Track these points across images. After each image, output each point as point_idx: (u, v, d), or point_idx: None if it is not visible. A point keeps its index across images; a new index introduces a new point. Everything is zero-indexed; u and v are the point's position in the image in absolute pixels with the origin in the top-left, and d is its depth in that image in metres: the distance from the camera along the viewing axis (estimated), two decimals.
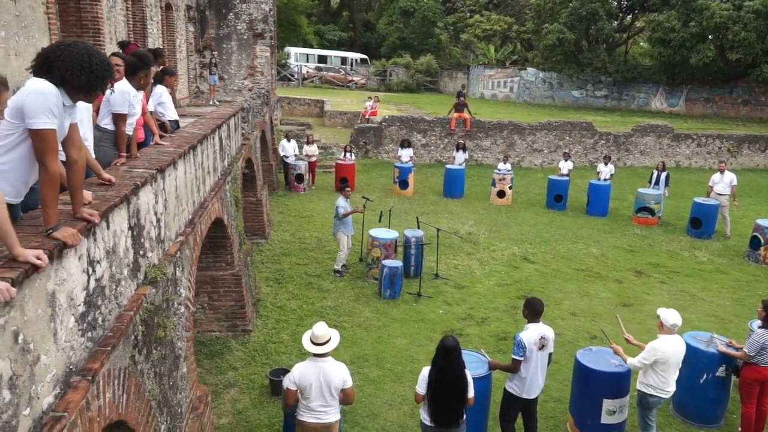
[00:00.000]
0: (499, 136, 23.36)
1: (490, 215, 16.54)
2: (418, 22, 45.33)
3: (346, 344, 8.80)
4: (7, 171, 2.95)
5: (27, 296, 2.57)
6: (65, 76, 2.97)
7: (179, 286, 5.40)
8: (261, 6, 21.69)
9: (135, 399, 3.88)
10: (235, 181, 9.71)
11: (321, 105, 29.14)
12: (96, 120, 4.99)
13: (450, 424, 5.52)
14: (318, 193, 18.18)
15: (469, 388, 5.53)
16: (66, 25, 9.92)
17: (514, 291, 11.21)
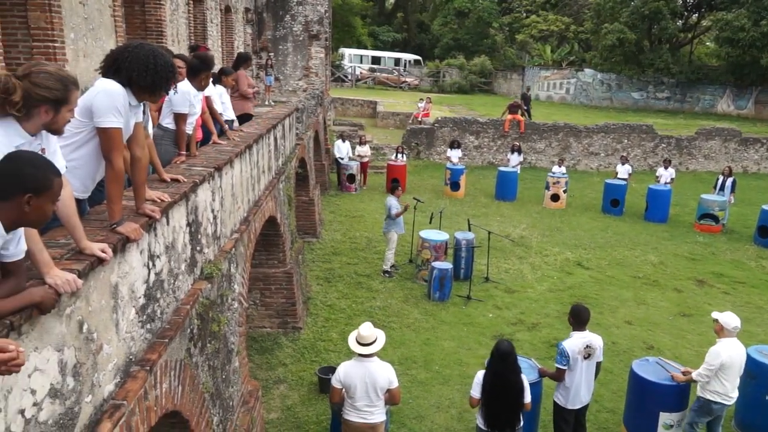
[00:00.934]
0: (554, 139, 22.92)
1: (543, 219, 16.24)
2: (473, 23, 44.96)
3: (394, 345, 8.81)
4: (75, 167, 3.08)
5: (92, 287, 2.68)
6: (132, 76, 3.09)
7: (233, 282, 5.52)
8: (317, 8, 21.96)
9: (190, 390, 3.99)
10: (288, 180, 9.87)
11: (374, 106, 29.28)
12: (158, 119, 5.16)
13: (504, 430, 5.44)
14: (369, 194, 18.27)
15: (526, 394, 5.44)
16: (131, 28, 10.30)
17: (566, 297, 10.97)
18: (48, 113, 2.51)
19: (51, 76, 2.51)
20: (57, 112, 2.54)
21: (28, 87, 2.44)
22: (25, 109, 2.44)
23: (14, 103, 2.39)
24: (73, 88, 2.59)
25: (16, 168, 2.14)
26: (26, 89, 2.43)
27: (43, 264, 2.34)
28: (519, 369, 5.48)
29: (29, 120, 2.48)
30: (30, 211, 2.16)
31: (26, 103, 2.44)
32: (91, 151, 3.11)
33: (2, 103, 2.38)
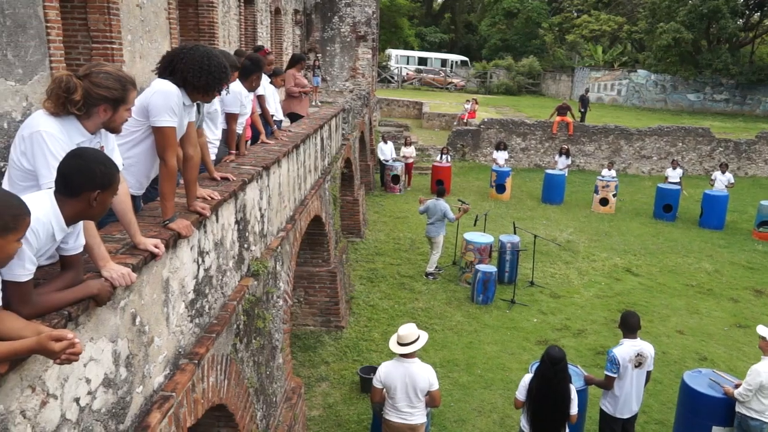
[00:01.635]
0: (603, 141, 22.39)
1: (592, 223, 15.90)
2: (522, 24, 44.39)
3: (436, 347, 8.78)
4: (131, 165, 3.19)
5: (145, 282, 2.77)
6: (186, 77, 3.18)
7: (279, 280, 5.61)
8: (365, 9, 22.08)
9: (235, 385, 4.07)
10: (334, 180, 9.95)
11: (419, 107, 29.24)
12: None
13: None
14: (413, 195, 18.24)
15: (573, 405, 5.32)
16: (184, 30, 10.58)
17: (614, 303, 10.71)
18: (107, 112, 2.60)
19: (110, 76, 2.60)
20: (115, 111, 2.63)
21: (88, 86, 2.53)
22: (85, 107, 2.54)
23: (75, 101, 2.49)
24: (131, 88, 2.68)
25: (85, 165, 2.23)
26: (86, 89, 2.52)
27: (99, 258, 2.43)
28: (569, 377, 5.38)
29: (89, 118, 2.58)
30: (95, 206, 2.25)
31: (86, 102, 2.53)
32: (146, 149, 3.22)
33: (64, 102, 2.48)
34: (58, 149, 2.42)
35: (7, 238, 1.85)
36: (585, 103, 25.34)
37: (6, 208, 1.84)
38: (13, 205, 1.88)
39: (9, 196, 1.90)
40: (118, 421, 2.55)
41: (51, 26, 5.89)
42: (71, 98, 2.47)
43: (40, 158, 2.44)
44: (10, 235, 1.86)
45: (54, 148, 2.42)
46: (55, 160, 2.39)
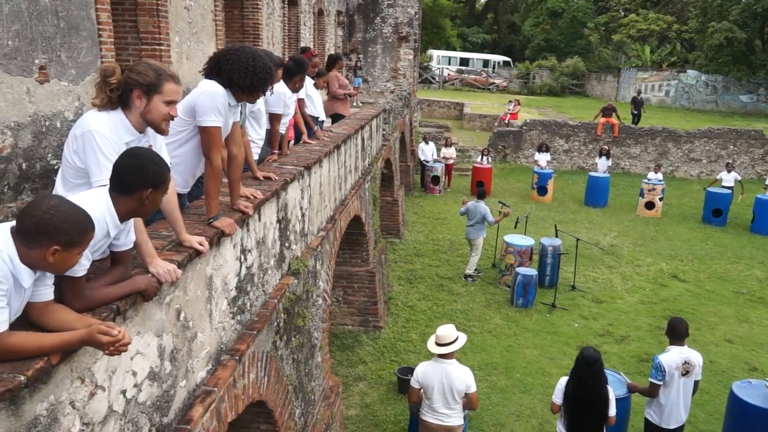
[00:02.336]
0: (650, 144, 21.82)
1: (636, 227, 15.51)
2: (567, 23, 43.64)
3: (474, 350, 8.71)
4: (178, 164, 3.26)
5: (189, 278, 2.83)
6: (232, 77, 3.24)
7: (318, 279, 5.66)
8: (407, 10, 22.07)
9: (275, 382, 4.12)
10: (374, 180, 9.98)
11: (460, 108, 29.07)
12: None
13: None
14: (453, 196, 18.14)
15: (610, 406, 5.22)
16: (230, 31, 10.77)
17: (659, 310, 10.43)
18: (141, 99, 2.63)
19: (147, 66, 2.67)
20: (149, 99, 2.64)
21: (126, 75, 2.61)
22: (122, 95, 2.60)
23: (111, 84, 2.56)
24: (167, 78, 2.68)
25: (140, 164, 2.30)
26: (125, 77, 2.60)
27: (147, 254, 2.49)
28: (605, 379, 5.27)
29: (131, 111, 2.64)
30: (146, 204, 2.32)
31: (124, 90, 2.60)
32: (192, 148, 3.29)
33: (102, 86, 2.56)
34: (109, 148, 2.49)
35: (71, 252, 1.93)
36: (638, 105, 24.50)
37: (74, 225, 1.91)
38: (81, 222, 1.94)
39: (77, 213, 1.95)
40: (163, 414, 2.61)
41: (103, 28, 6.08)
42: (108, 81, 2.54)
43: (91, 157, 2.51)
44: (75, 249, 1.94)
45: (104, 147, 2.50)
46: (105, 159, 2.46)
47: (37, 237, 1.85)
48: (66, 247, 1.89)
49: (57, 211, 1.88)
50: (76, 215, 1.93)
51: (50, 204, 1.90)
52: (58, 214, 1.88)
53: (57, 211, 1.88)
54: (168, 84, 2.66)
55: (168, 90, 2.68)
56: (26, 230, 1.86)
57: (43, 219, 1.85)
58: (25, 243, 1.86)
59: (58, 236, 1.87)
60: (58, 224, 1.87)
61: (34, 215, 1.86)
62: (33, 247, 1.85)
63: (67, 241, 1.89)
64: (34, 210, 1.87)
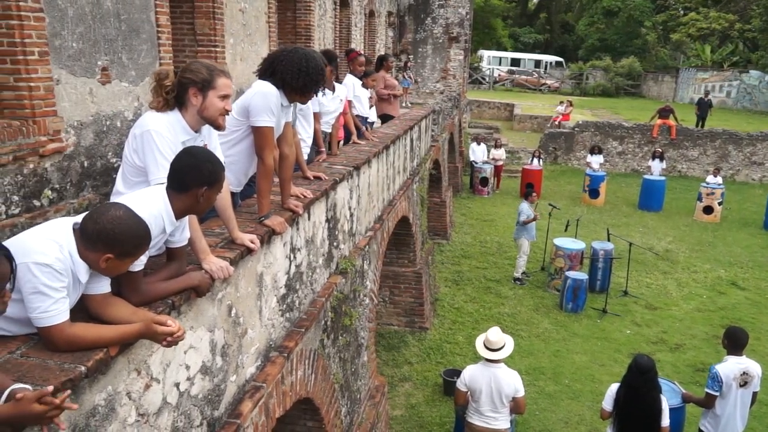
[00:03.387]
0: (709, 146, 21.02)
1: (693, 232, 14.97)
2: (623, 23, 42.50)
3: (522, 354, 8.58)
4: (231, 163, 3.33)
5: (240, 275, 2.88)
6: (285, 78, 3.28)
7: (366, 279, 5.68)
8: (458, 10, 21.93)
9: (321, 380, 4.16)
10: (422, 181, 9.96)
11: (510, 108, 28.69)
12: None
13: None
14: (502, 198, 17.94)
15: (663, 416, 5.06)
16: (282, 32, 10.93)
17: (717, 318, 10.04)
18: (196, 96, 2.71)
19: (200, 64, 2.76)
20: (204, 96, 2.71)
21: (180, 75, 2.68)
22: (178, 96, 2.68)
23: (166, 86, 2.64)
24: (220, 74, 2.75)
25: (196, 163, 2.37)
26: (179, 77, 2.67)
27: (201, 251, 2.56)
28: (658, 387, 5.11)
29: (187, 110, 2.71)
30: (201, 201, 2.38)
31: (179, 91, 2.67)
32: (245, 148, 3.35)
33: (158, 89, 2.64)
34: (166, 148, 2.57)
35: (124, 261, 2.01)
36: (704, 107, 23.44)
37: (132, 239, 1.99)
38: (139, 235, 2.02)
39: (138, 227, 2.02)
40: (213, 408, 2.67)
41: (161, 30, 6.27)
42: (163, 83, 2.62)
43: (149, 155, 2.59)
44: (127, 260, 2.03)
45: (162, 147, 2.57)
46: (163, 158, 2.54)
47: (96, 243, 1.94)
48: (119, 257, 1.98)
49: (120, 222, 1.96)
50: (136, 229, 2.01)
51: (116, 215, 1.98)
52: (119, 226, 1.96)
53: (120, 222, 1.96)
54: (220, 78, 2.74)
55: (221, 84, 2.75)
56: (88, 234, 1.95)
57: (105, 228, 1.94)
58: (84, 244, 1.95)
59: (115, 247, 1.95)
60: (117, 236, 1.95)
61: (99, 222, 1.95)
62: (89, 250, 1.95)
63: (121, 252, 1.97)
64: (100, 217, 1.96)
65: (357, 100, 7.16)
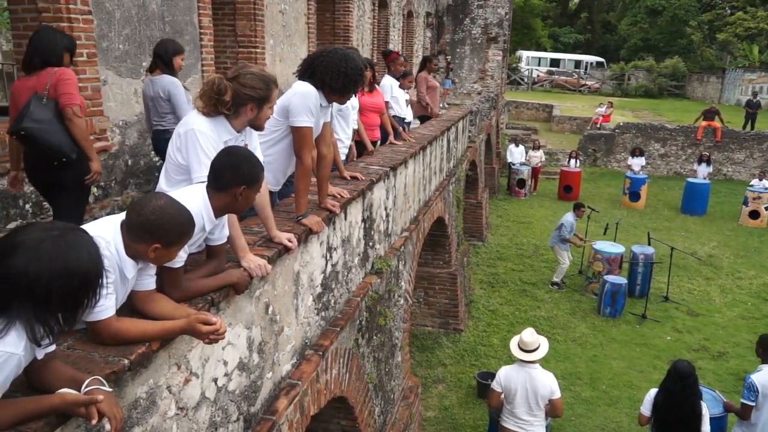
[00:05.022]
0: (756, 149, 20.34)
1: (738, 238, 14.52)
2: (667, 22, 41.49)
3: (558, 358, 8.46)
4: (270, 162, 3.37)
5: (278, 273, 2.92)
6: (325, 79, 3.32)
7: (401, 279, 5.69)
8: (497, 10, 21.76)
9: (356, 379, 4.19)
10: (458, 182, 9.91)
11: (549, 110, 28.30)
12: None
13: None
14: (539, 200, 17.72)
15: (704, 423, 4.96)
16: (321, 34, 11.04)
17: (761, 326, 9.70)
18: (253, 111, 2.77)
19: (255, 77, 2.77)
20: (260, 109, 2.79)
21: (236, 87, 2.71)
22: (234, 107, 2.73)
23: (225, 102, 2.68)
24: (274, 87, 2.83)
25: (236, 162, 2.41)
26: (235, 89, 2.70)
27: (240, 249, 2.60)
28: (698, 393, 5.00)
29: (237, 117, 2.77)
30: (240, 200, 2.42)
31: (235, 102, 2.71)
32: (284, 147, 3.39)
33: (215, 103, 2.68)
34: (209, 146, 2.62)
35: (170, 250, 2.06)
36: (754, 108, 22.77)
37: (177, 226, 2.03)
38: (183, 224, 2.06)
39: (182, 216, 2.06)
40: (250, 404, 2.72)
41: (204, 32, 6.40)
42: (222, 99, 2.66)
43: (192, 154, 2.65)
44: (174, 248, 2.07)
45: (205, 146, 2.62)
46: (206, 156, 2.59)
47: (142, 234, 1.98)
48: (166, 246, 2.02)
49: (163, 212, 2.01)
50: (180, 218, 2.05)
51: (158, 205, 2.02)
52: (163, 216, 2.00)
53: (163, 212, 2.01)
54: (275, 91, 2.83)
55: (275, 97, 2.85)
56: (133, 226, 2.00)
57: (149, 219, 1.99)
58: (131, 237, 2.00)
59: (161, 236, 1.99)
60: (162, 225, 1.99)
61: (142, 213, 2.00)
62: (136, 242, 1.99)
63: (167, 241, 2.01)
64: (143, 208, 2.01)
65: (395, 101, 7.17)
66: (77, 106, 3.70)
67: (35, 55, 3.72)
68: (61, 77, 3.67)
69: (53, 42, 3.75)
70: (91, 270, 1.62)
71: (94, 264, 1.63)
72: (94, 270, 1.63)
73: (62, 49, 3.79)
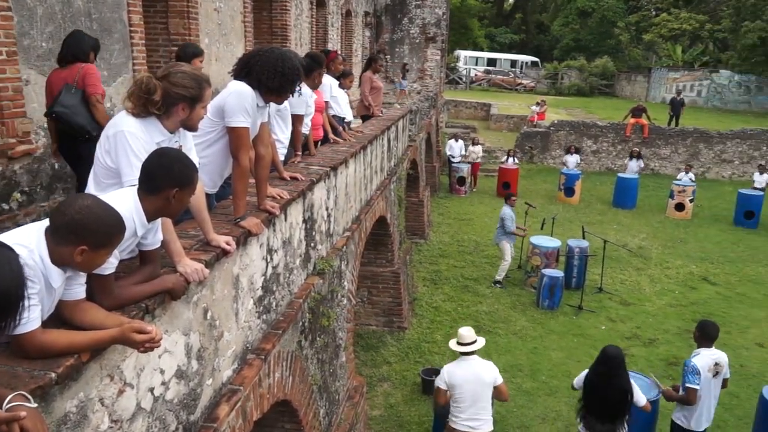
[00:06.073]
0: (681, 144, 21.42)
1: (666, 229, 15.25)
2: (597, 23, 43.08)
3: (499, 351, 8.65)
4: (206, 164, 3.30)
5: (216, 277, 2.86)
6: (261, 78, 3.27)
7: (344, 279, 5.67)
8: (435, 10, 22.01)
9: (299, 381, 4.15)
10: (399, 181, 9.97)
11: (487, 108, 28.89)
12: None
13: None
14: (479, 197, 18.06)
15: (639, 396, 5.32)
16: (258, 32, 10.86)
17: (689, 313, 10.23)
18: (185, 110, 2.70)
19: (187, 76, 2.70)
20: (192, 109, 2.72)
21: (166, 86, 2.63)
22: (164, 107, 2.64)
23: (155, 102, 2.60)
24: (206, 86, 2.76)
25: (168, 164, 2.33)
26: (165, 89, 2.62)
27: (175, 253, 2.52)
28: (625, 374, 5.28)
29: (168, 118, 2.69)
30: (173, 203, 2.35)
31: (165, 101, 2.63)
32: (220, 148, 3.32)
33: (145, 102, 2.59)
34: (140, 148, 2.53)
35: (99, 253, 1.95)
36: (676, 106, 23.92)
37: (104, 227, 1.93)
38: (111, 224, 1.96)
39: (109, 216, 1.96)
40: (189, 412, 2.65)
41: (134, 30, 6.18)
42: (151, 99, 2.58)
43: (122, 157, 2.55)
44: (103, 250, 1.96)
45: (136, 148, 2.53)
46: (136, 158, 2.50)
47: (67, 235, 1.87)
48: (94, 248, 1.91)
49: (89, 211, 1.91)
50: (107, 217, 1.95)
51: (83, 204, 1.92)
52: (89, 215, 1.90)
53: (89, 211, 1.91)
54: (208, 90, 2.77)
55: (208, 95, 2.79)
56: (57, 227, 1.89)
57: (74, 218, 1.88)
58: (56, 240, 1.88)
59: (87, 237, 1.89)
60: (88, 225, 1.89)
61: (66, 213, 1.89)
62: (62, 245, 1.88)
63: (95, 242, 1.91)
64: (68, 208, 1.90)
65: (334, 101, 7.13)
66: (100, 95, 4.55)
67: (68, 52, 4.57)
68: (87, 71, 4.50)
69: (82, 42, 4.62)
70: (12, 289, 1.53)
71: (15, 283, 1.55)
72: (16, 290, 1.55)
73: (89, 48, 4.65)
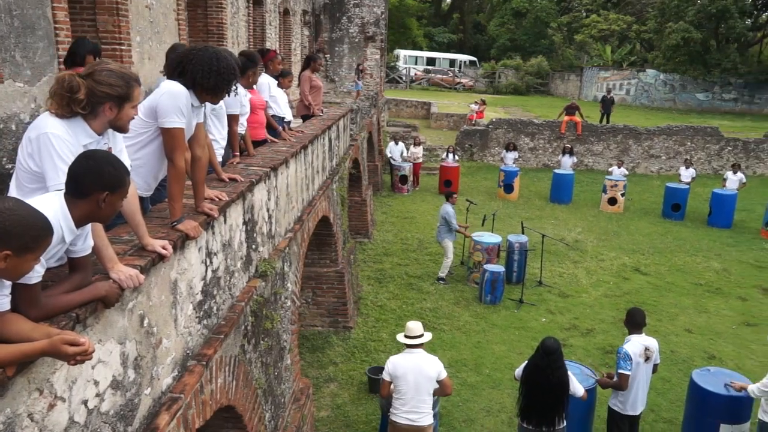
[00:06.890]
0: (612, 141, 22.28)
1: (600, 223, 15.83)
2: (531, 23, 44.28)
3: (444, 347, 8.76)
4: (139, 166, 3.19)
5: (153, 283, 2.77)
6: (196, 78, 3.18)
7: (287, 281, 5.61)
8: (373, 9, 22.06)
9: (243, 386, 4.07)
10: (342, 180, 9.95)
11: (428, 107, 29.21)
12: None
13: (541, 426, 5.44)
14: (421, 195, 18.24)
15: (575, 386, 5.49)
16: (193, 31, 10.60)
17: (623, 303, 10.65)
18: (112, 110, 2.59)
19: (113, 74, 2.58)
20: (120, 108, 2.60)
21: (91, 85, 2.51)
22: (89, 107, 2.53)
23: (79, 101, 2.48)
24: (135, 85, 2.65)
25: (96, 167, 2.22)
26: (90, 87, 2.50)
27: (107, 259, 2.43)
28: (563, 367, 5.45)
29: (95, 118, 2.57)
30: (104, 207, 2.25)
31: (91, 101, 2.52)
32: (154, 150, 3.22)
33: (68, 102, 2.47)
34: (65, 151, 2.42)
35: (24, 258, 1.84)
36: (607, 104, 24.91)
37: (28, 229, 1.82)
38: (36, 227, 1.86)
39: (34, 218, 1.86)
40: (127, 423, 2.56)
41: (59, 27, 5.91)
42: (75, 98, 2.46)
43: (47, 160, 2.43)
44: (29, 255, 1.85)
45: (61, 150, 2.42)
46: (62, 161, 2.39)
47: None
48: (18, 253, 1.81)
49: (11, 214, 1.80)
50: (32, 220, 1.85)
51: (6, 207, 1.81)
52: (12, 217, 1.79)
53: (11, 214, 1.80)
54: (136, 89, 2.65)
55: (137, 95, 2.67)
56: None
57: None
58: None
59: (11, 241, 1.78)
60: (10, 228, 1.78)
61: None
62: None
63: (19, 246, 1.80)
64: None
65: (273, 101, 7.03)
66: None
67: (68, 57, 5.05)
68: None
69: (81, 46, 5.04)
70: None
71: None
72: None
73: (86, 52, 4.97)
